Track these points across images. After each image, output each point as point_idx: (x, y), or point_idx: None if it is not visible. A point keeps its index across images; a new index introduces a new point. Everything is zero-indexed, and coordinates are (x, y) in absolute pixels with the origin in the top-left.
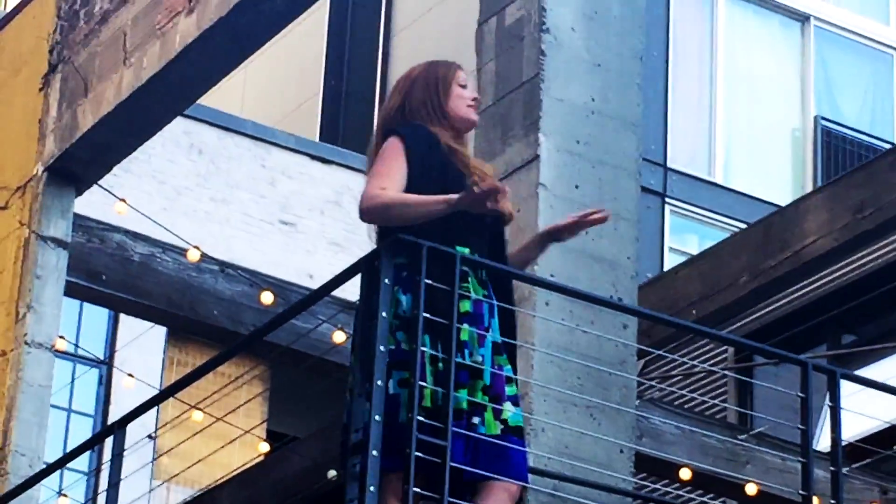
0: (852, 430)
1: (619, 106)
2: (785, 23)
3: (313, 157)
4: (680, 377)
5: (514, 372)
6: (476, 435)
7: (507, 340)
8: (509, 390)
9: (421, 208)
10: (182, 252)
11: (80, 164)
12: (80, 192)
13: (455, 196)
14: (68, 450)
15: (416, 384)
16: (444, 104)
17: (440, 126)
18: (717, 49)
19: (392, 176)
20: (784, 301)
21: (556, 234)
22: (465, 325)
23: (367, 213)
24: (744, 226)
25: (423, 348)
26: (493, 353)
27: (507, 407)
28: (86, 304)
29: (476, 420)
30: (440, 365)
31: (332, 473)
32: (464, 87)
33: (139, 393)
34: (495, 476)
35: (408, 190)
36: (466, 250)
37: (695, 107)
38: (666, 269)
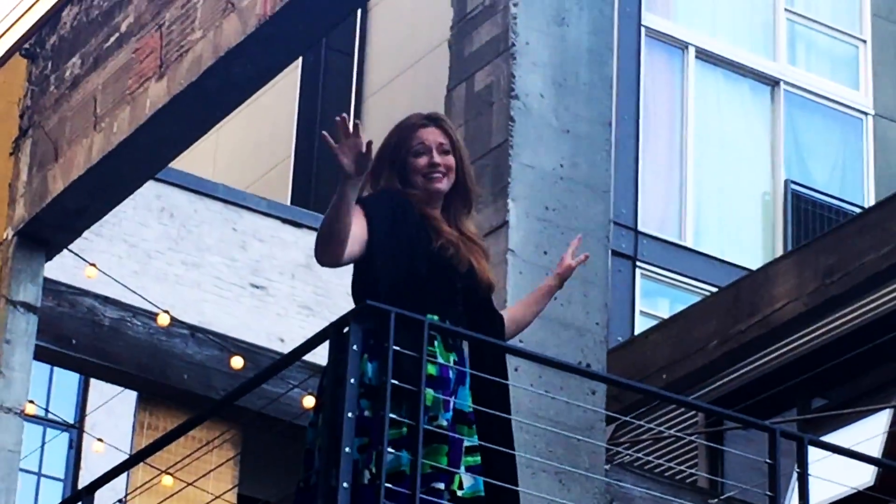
0: (821, 496)
1: (588, 171)
2: (755, 87)
3: (284, 221)
4: (650, 442)
5: (497, 441)
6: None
7: (478, 408)
8: (469, 460)
9: (331, 207)
10: (152, 316)
11: (50, 229)
12: (50, 257)
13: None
14: None
15: (384, 448)
16: (404, 171)
17: (413, 188)
18: (687, 113)
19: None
20: (754, 365)
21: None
22: (429, 390)
23: (315, 253)
24: (714, 289)
25: (390, 415)
26: (456, 420)
27: (464, 477)
28: (56, 368)
29: (441, 485)
30: (403, 429)
31: None
32: (421, 152)
33: (109, 457)
34: None
35: (379, 252)
36: (436, 317)
37: (665, 171)
38: (637, 332)
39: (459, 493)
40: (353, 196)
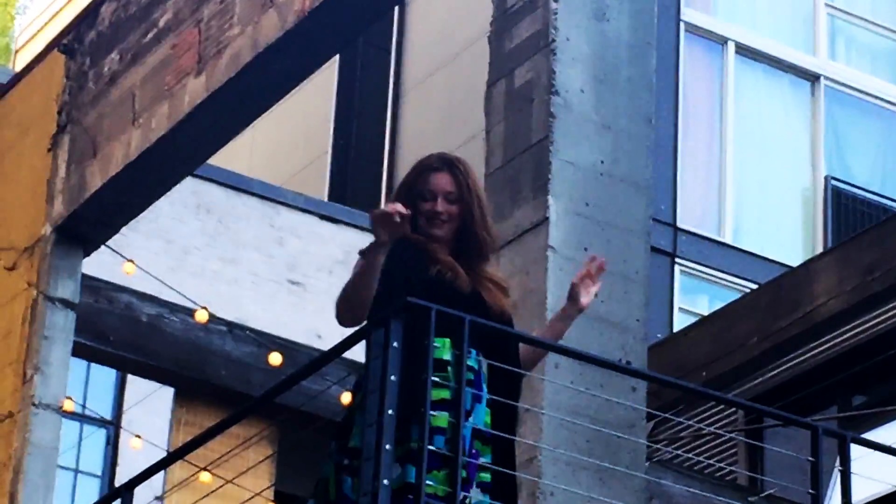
0: (863, 493)
1: (628, 167)
2: (795, 82)
3: (322, 217)
4: (690, 439)
5: (506, 460)
6: None
7: (492, 431)
8: (482, 476)
9: (354, 276)
10: (190, 313)
11: (88, 225)
12: (87, 253)
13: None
14: None
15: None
16: (413, 212)
17: (416, 229)
18: (726, 109)
19: None
20: (794, 363)
21: (575, 298)
22: (444, 413)
23: (338, 316)
24: (754, 286)
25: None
26: (473, 437)
27: (475, 494)
28: (93, 365)
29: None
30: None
31: None
32: (428, 198)
33: (146, 453)
34: None
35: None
36: (447, 340)
37: (704, 166)
38: (675, 329)
39: None
40: (381, 261)
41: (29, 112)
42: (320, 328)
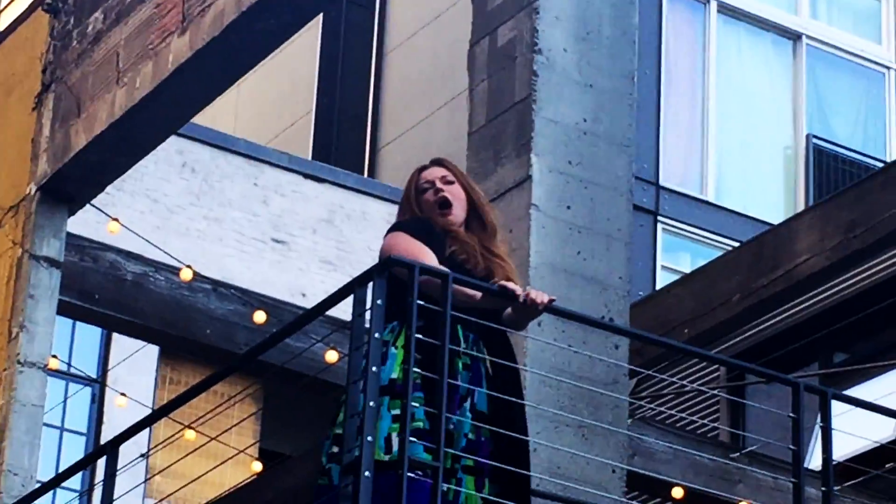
0: (843, 449)
1: (610, 126)
2: (777, 41)
3: (306, 176)
4: (672, 396)
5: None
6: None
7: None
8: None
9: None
10: (175, 271)
11: (73, 184)
12: (72, 212)
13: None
14: (61, 469)
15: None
16: (421, 211)
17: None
18: (709, 68)
19: (426, 255)
20: (776, 320)
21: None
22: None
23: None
24: (736, 244)
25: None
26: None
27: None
28: (78, 323)
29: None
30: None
31: None
32: (426, 188)
33: (132, 411)
34: None
35: None
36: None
37: (687, 125)
38: (658, 287)
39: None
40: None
41: (13, 71)
42: (304, 286)
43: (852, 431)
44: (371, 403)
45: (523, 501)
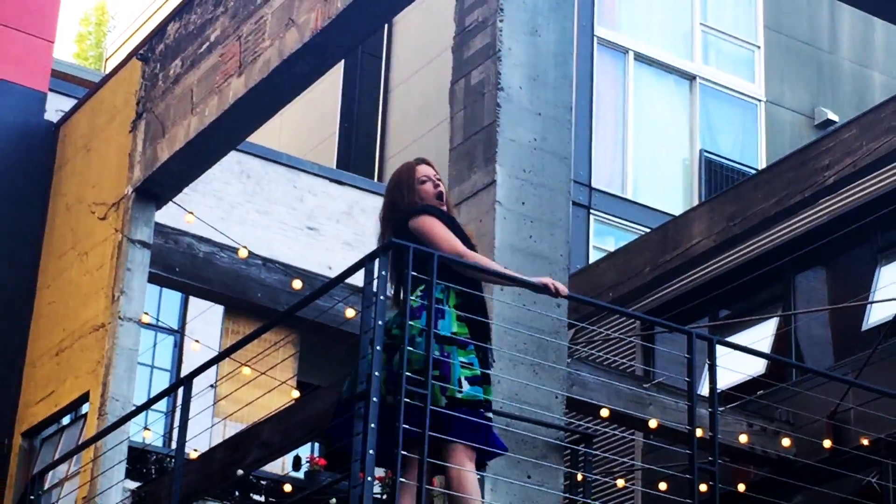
0: (726, 381)
1: (554, 143)
2: (678, 81)
3: (332, 180)
4: (600, 342)
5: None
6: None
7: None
8: (464, 372)
9: (503, 276)
10: (234, 251)
11: (159, 187)
12: (159, 207)
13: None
14: (151, 396)
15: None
16: (414, 199)
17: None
18: (628, 100)
19: (453, 237)
20: (676, 286)
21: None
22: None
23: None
24: (647, 230)
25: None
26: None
27: (464, 385)
28: (163, 289)
29: (490, 414)
30: (477, 370)
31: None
32: (425, 181)
33: (203, 353)
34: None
35: None
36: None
37: (612, 143)
38: (590, 262)
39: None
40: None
41: (115, 104)
42: (330, 262)
43: (732, 368)
44: (378, 348)
45: None
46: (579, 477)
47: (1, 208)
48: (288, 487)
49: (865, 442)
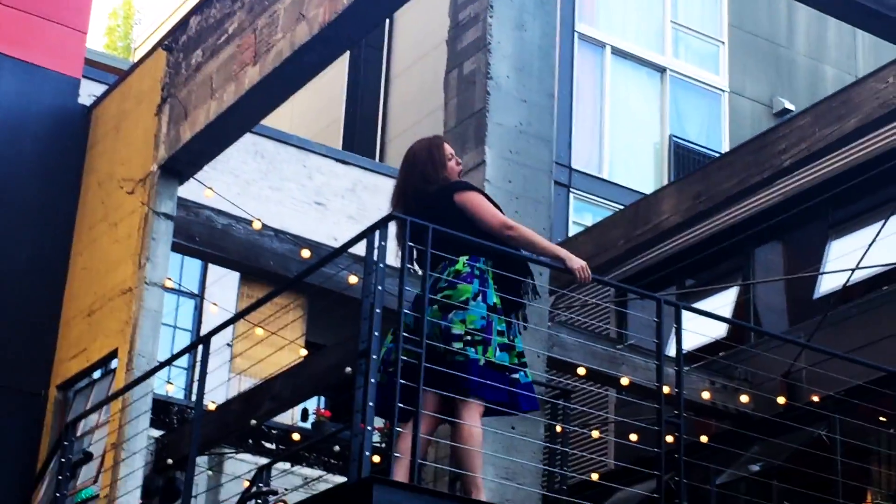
0: (691, 343)
1: (538, 128)
2: (650, 73)
3: (337, 160)
4: (579, 307)
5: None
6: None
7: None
8: (499, 339)
9: (540, 244)
10: (249, 223)
11: (181, 164)
12: (181, 182)
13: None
14: (173, 353)
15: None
16: (444, 174)
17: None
18: (605, 90)
19: (495, 209)
20: (647, 257)
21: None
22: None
23: (512, 237)
24: (621, 207)
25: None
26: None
27: (498, 351)
28: (185, 257)
29: (516, 375)
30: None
31: (348, 370)
32: (451, 157)
33: (221, 315)
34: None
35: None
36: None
37: (590, 128)
38: (569, 235)
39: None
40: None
41: (142, 89)
42: (336, 233)
43: (697, 331)
44: (378, 310)
45: None
46: (558, 428)
47: (39, 183)
48: (296, 436)
49: (816, 398)
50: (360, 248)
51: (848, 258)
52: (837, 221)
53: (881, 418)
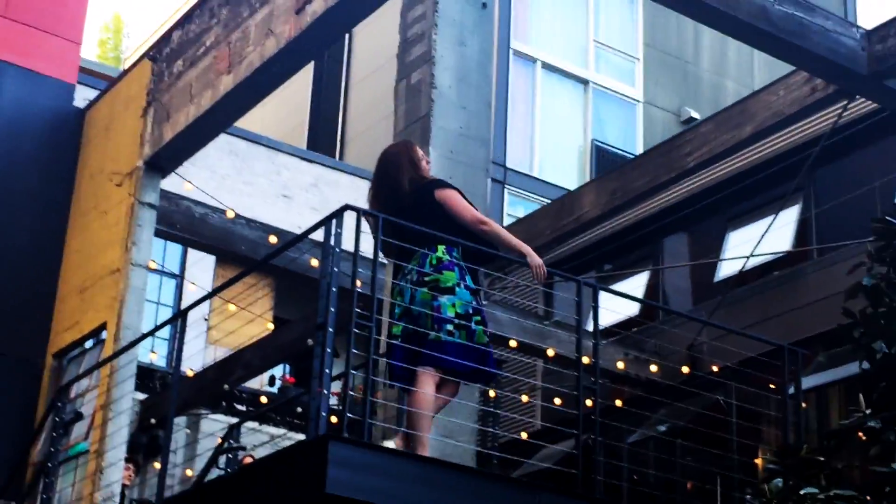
0: (607, 319)
1: (476, 131)
2: (575, 85)
3: (302, 159)
4: (511, 287)
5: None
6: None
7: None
8: (476, 317)
9: (509, 241)
10: (223, 212)
11: (164, 160)
12: (164, 176)
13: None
14: (156, 325)
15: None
16: (420, 174)
17: None
18: (536, 99)
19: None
20: (570, 245)
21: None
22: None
23: (485, 231)
24: (548, 201)
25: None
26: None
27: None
28: (167, 242)
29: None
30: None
31: (309, 341)
32: (422, 158)
33: (199, 293)
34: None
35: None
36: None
37: (523, 131)
38: (504, 226)
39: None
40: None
41: (130, 94)
42: (300, 223)
43: (613, 309)
44: (333, 290)
45: None
46: (492, 394)
47: (37, 176)
48: (264, 399)
49: (715, 368)
50: (319, 235)
51: (744, 247)
52: (735, 215)
53: (770, 385)
